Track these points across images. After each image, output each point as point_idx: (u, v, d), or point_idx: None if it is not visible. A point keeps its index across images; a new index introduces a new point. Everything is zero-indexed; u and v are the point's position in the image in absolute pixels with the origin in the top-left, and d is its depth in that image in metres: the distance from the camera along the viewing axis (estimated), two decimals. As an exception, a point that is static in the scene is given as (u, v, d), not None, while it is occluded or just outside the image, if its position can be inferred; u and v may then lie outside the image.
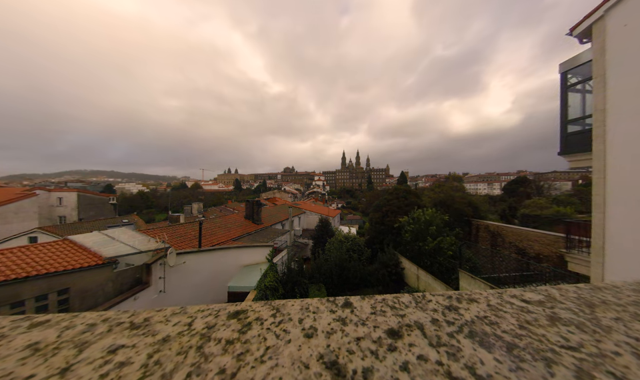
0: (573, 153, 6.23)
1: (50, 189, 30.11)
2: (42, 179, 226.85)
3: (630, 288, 0.80)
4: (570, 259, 7.10)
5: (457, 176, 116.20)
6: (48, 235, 18.01)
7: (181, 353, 0.50)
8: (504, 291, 0.77)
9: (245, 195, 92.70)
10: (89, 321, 0.62)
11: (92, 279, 6.55)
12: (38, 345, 0.53)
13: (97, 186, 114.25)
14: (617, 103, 4.76)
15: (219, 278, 9.45)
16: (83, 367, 0.47)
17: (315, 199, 63.09)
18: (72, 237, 7.98)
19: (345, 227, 28.93)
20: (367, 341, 0.54)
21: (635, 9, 4.50)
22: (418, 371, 0.46)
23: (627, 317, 0.64)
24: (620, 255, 4.72)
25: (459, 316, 0.64)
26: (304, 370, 0.46)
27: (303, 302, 0.71)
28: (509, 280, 10.33)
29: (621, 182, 4.70)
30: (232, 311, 0.67)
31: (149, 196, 73.39)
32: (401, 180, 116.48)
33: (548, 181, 50.78)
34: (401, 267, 15.63)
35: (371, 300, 0.72)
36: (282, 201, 45.81)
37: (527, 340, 0.55)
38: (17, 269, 5.76)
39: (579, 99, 6.49)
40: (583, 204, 25.01)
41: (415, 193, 22.05)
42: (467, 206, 19.66)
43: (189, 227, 13.59)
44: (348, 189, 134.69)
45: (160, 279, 7.93)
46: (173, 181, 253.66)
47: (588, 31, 5.44)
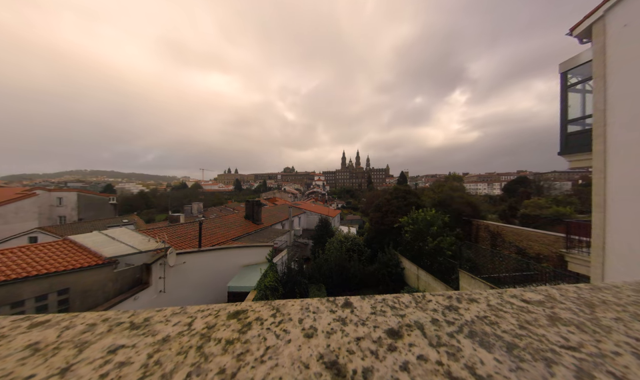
0: (573, 153, 6.23)
1: (50, 189, 30.08)
2: (42, 178, 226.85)
3: (630, 288, 0.80)
4: (570, 259, 7.10)
5: (456, 176, 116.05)
6: (48, 234, 18.02)
7: (181, 353, 0.50)
8: (504, 291, 0.77)
9: (245, 195, 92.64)
10: (89, 321, 0.62)
11: (92, 278, 6.55)
12: (38, 344, 0.53)
13: (97, 186, 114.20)
14: (617, 103, 4.76)
15: (218, 278, 9.44)
16: (83, 367, 0.46)
17: (315, 199, 63.10)
18: (72, 237, 7.98)
19: (344, 227, 28.92)
20: (367, 341, 0.54)
21: (635, 8, 4.50)
22: (418, 370, 0.46)
23: (627, 317, 0.64)
24: (620, 255, 4.72)
25: (459, 316, 0.64)
26: (304, 370, 0.46)
27: (302, 302, 0.71)
28: (508, 280, 10.33)
29: (621, 182, 4.70)
30: (232, 310, 0.67)
31: (149, 196, 73.31)
32: (400, 180, 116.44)
33: (548, 180, 50.78)
34: (401, 266, 15.62)
35: (371, 300, 0.72)
36: (282, 201, 45.80)
37: (527, 340, 0.55)
38: (17, 269, 5.76)
39: (579, 98, 6.49)
40: (582, 204, 24.99)
41: (415, 193, 22.05)
42: (467, 206, 19.66)
43: (189, 226, 13.60)
44: (348, 189, 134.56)
45: (160, 279, 7.93)
46: (173, 181, 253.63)
47: (588, 31, 5.43)
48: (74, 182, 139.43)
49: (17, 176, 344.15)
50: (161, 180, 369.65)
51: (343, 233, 20.44)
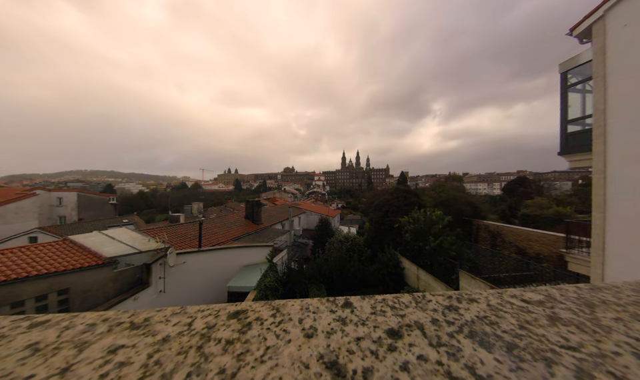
0: (573, 152, 6.22)
1: (50, 189, 30.10)
2: (42, 178, 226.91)
3: (630, 288, 0.80)
4: (570, 259, 7.10)
5: (457, 176, 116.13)
6: (48, 234, 18.03)
7: (181, 353, 0.50)
8: (504, 291, 0.77)
9: (245, 195, 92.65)
10: (89, 321, 0.62)
11: (92, 279, 6.55)
12: (38, 344, 0.53)
13: (97, 186, 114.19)
14: (617, 103, 4.76)
15: (218, 278, 9.45)
16: (83, 367, 0.46)
17: (315, 199, 63.07)
18: (72, 237, 7.98)
19: (344, 227, 28.93)
20: (367, 341, 0.54)
21: (635, 8, 4.50)
22: (418, 371, 0.46)
23: (627, 317, 0.64)
24: (620, 255, 4.72)
25: (459, 316, 0.64)
26: (304, 370, 0.46)
27: (302, 302, 0.71)
28: (508, 280, 10.32)
29: (621, 182, 4.70)
30: (232, 310, 0.67)
31: (149, 196, 73.36)
32: (401, 180, 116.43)
33: (548, 180, 50.76)
34: (401, 266, 15.63)
35: (371, 300, 0.72)
36: (282, 201, 45.80)
37: (527, 340, 0.55)
38: (17, 269, 5.76)
39: (579, 98, 6.49)
40: (582, 204, 24.98)
41: (415, 193, 22.05)
42: (467, 206, 19.64)
43: (189, 226, 13.59)
44: (348, 189, 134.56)
45: (160, 279, 7.93)
46: (173, 181, 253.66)
47: (588, 31, 5.44)
48: (74, 182, 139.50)
49: (17, 176, 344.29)
50: (161, 180, 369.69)
51: (343, 233, 20.45)
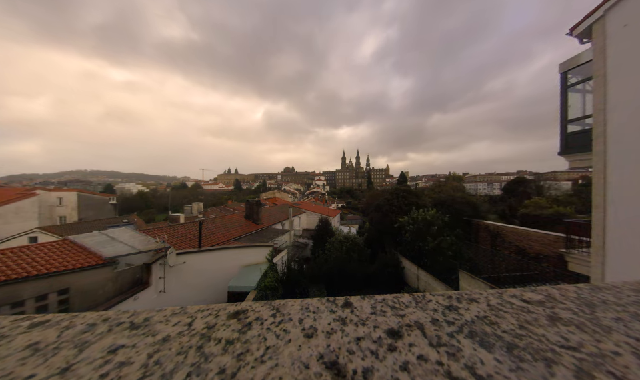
0: (573, 153, 6.22)
1: (50, 189, 30.09)
2: (42, 179, 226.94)
3: (630, 288, 0.80)
4: (570, 259, 7.09)
5: (456, 176, 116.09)
6: (48, 234, 18.02)
7: (181, 353, 0.50)
8: (504, 291, 0.77)
9: (245, 194, 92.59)
10: (89, 321, 0.62)
11: (92, 278, 6.55)
12: (38, 345, 0.53)
13: (97, 186, 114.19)
14: (617, 103, 4.76)
15: (219, 278, 9.44)
16: (83, 367, 0.46)
17: (315, 199, 63.05)
18: (72, 237, 7.98)
19: (345, 227, 28.93)
20: (367, 341, 0.54)
21: (635, 8, 4.50)
22: (418, 371, 0.46)
23: (627, 317, 0.64)
24: (620, 255, 4.72)
25: (459, 316, 0.64)
26: (304, 370, 0.46)
27: (302, 302, 0.71)
28: (508, 280, 10.32)
29: (621, 182, 4.70)
30: (232, 310, 0.67)
31: (149, 196, 73.35)
32: (400, 180, 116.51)
33: (548, 180, 50.76)
34: (401, 266, 15.63)
35: (371, 300, 0.72)
36: (282, 200, 45.80)
37: (527, 340, 0.55)
38: (17, 269, 5.76)
39: (579, 98, 6.48)
40: (582, 204, 24.99)
41: (415, 193, 22.04)
42: (467, 206, 19.63)
43: (188, 227, 13.59)
44: (348, 189, 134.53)
45: (160, 278, 7.93)
46: (173, 181, 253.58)
47: (588, 31, 5.43)
48: (74, 182, 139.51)
49: (17, 176, 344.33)
50: (160, 180, 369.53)
51: (343, 233, 20.43)
